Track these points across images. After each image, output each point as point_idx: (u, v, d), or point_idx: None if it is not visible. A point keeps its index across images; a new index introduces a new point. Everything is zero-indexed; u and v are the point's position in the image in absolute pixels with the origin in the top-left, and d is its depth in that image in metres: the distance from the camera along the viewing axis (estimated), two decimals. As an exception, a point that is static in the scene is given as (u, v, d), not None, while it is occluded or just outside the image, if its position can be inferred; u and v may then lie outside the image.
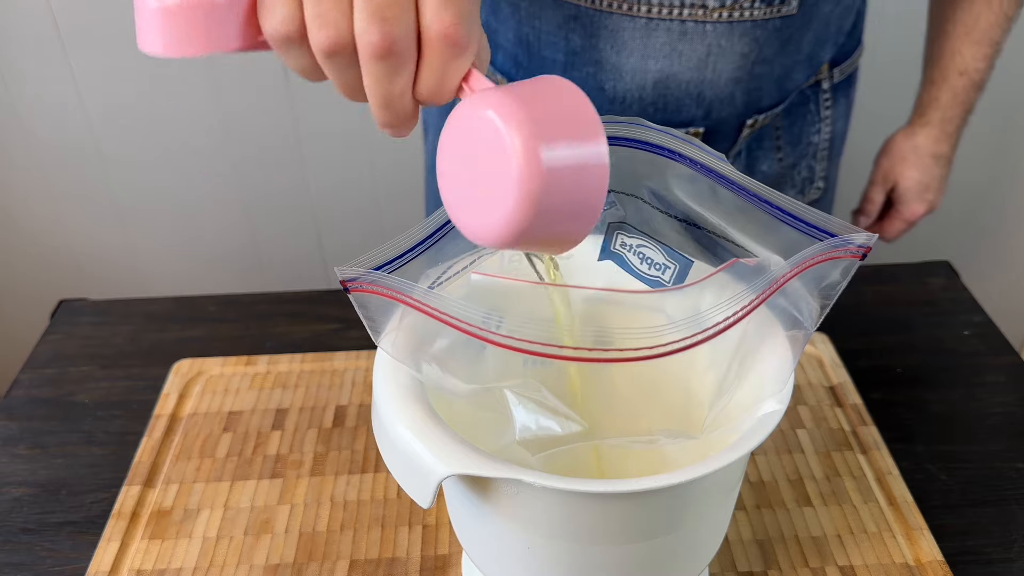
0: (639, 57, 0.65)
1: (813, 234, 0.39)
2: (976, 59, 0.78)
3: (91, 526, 0.57)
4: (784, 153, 0.78)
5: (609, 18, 0.64)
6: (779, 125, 0.76)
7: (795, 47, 0.68)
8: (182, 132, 1.26)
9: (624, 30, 0.65)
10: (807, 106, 0.77)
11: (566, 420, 0.39)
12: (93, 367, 0.70)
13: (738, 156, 0.76)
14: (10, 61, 1.18)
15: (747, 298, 0.36)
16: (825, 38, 0.71)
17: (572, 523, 0.37)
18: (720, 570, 0.52)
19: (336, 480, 0.59)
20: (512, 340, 0.34)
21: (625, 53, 0.66)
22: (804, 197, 0.83)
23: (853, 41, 0.78)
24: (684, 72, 0.66)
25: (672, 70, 0.66)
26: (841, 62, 0.77)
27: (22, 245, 1.37)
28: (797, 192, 0.82)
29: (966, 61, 0.79)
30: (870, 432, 0.61)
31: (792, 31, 0.66)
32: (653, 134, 0.42)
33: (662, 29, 0.64)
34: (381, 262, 0.38)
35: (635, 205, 0.45)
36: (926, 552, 0.53)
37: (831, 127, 0.80)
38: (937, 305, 0.77)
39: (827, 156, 0.82)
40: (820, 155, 0.81)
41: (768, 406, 0.38)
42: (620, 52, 0.66)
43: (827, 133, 0.80)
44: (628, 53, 0.66)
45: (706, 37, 0.64)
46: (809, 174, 0.81)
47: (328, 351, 0.70)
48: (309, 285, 1.39)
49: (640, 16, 0.63)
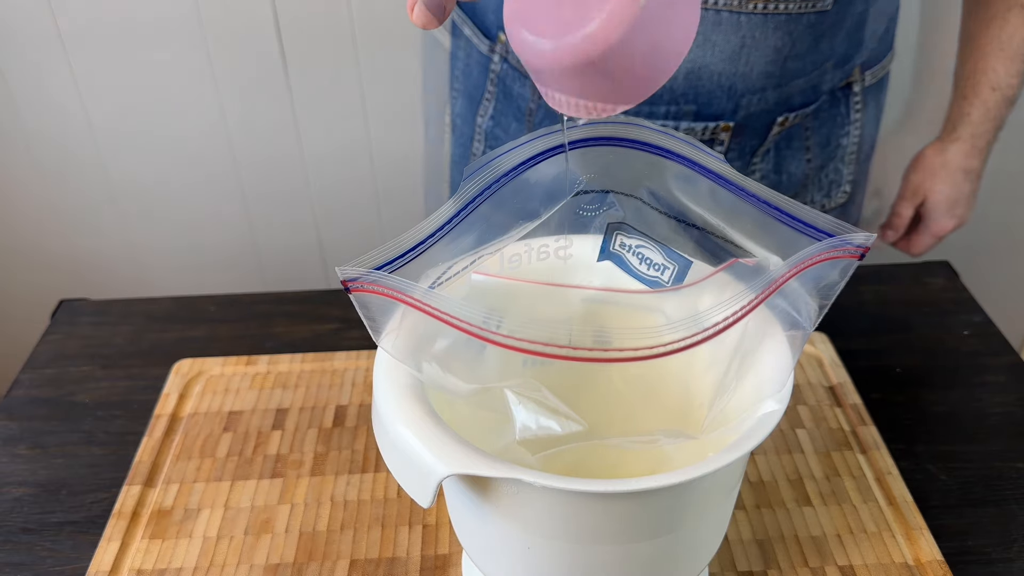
0: None
1: (811, 234, 0.39)
2: (1009, 75, 0.78)
3: (91, 526, 0.57)
4: (813, 155, 0.78)
5: None
6: (809, 126, 0.76)
7: (828, 45, 0.68)
8: (182, 132, 1.26)
9: None
10: (838, 108, 0.77)
11: (566, 420, 0.39)
12: (93, 367, 0.70)
13: (767, 155, 0.76)
14: (10, 61, 1.18)
15: (746, 298, 0.36)
16: (858, 39, 0.71)
17: (572, 523, 0.37)
18: (720, 570, 0.53)
19: (336, 480, 0.59)
20: (512, 340, 0.34)
21: None
22: (830, 200, 0.82)
23: (884, 46, 0.78)
24: (716, 63, 0.66)
25: (704, 61, 0.66)
26: (873, 66, 0.77)
27: (22, 245, 1.37)
28: (823, 195, 0.82)
29: (999, 77, 0.78)
30: (870, 432, 0.61)
31: (825, 28, 0.66)
32: (652, 135, 0.42)
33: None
34: (382, 262, 0.38)
35: (634, 205, 0.45)
36: (926, 552, 0.53)
37: (860, 131, 0.80)
38: (937, 305, 0.77)
39: (855, 160, 0.81)
40: (848, 158, 0.80)
41: (768, 406, 0.38)
42: None
43: (856, 136, 0.80)
44: None
45: (740, 28, 0.64)
46: (836, 177, 0.81)
47: (328, 351, 0.70)
48: (309, 285, 1.39)
49: None
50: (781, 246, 0.39)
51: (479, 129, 0.83)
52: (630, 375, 0.49)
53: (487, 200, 0.41)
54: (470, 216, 0.41)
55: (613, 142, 0.42)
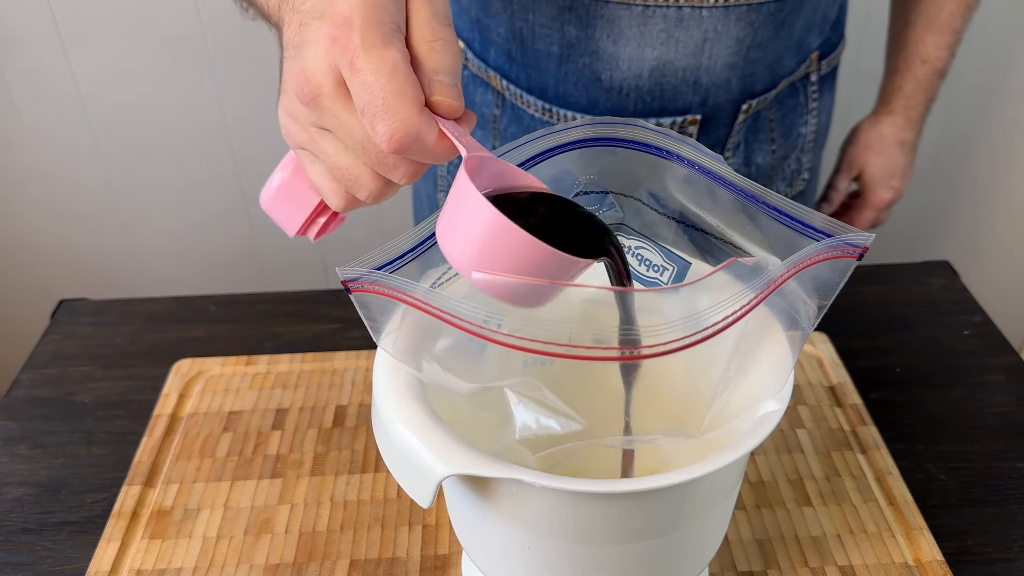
0: (636, 45, 0.66)
1: (810, 234, 0.39)
2: (938, 48, 0.80)
3: (91, 526, 0.57)
4: (777, 145, 0.79)
5: (605, 7, 0.64)
6: (773, 117, 0.76)
7: (787, 32, 0.69)
8: (182, 132, 1.26)
9: (620, 19, 0.65)
10: (797, 98, 0.78)
11: (566, 420, 0.39)
12: (93, 367, 0.70)
13: (737, 149, 0.76)
14: (10, 61, 1.18)
15: (745, 298, 0.36)
16: (813, 23, 0.72)
17: (572, 523, 0.37)
18: (720, 570, 0.53)
19: (336, 480, 0.59)
20: (513, 339, 0.34)
21: (622, 42, 0.66)
22: (792, 189, 0.84)
23: (837, 34, 0.79)
24: (681, 59, 0.66)
25: (668, 57, 0.66)
26: (828, 54, 0.78)
27: (22, 245, 1.37)
28: (786, 184, 0.83)
29: (928, 50, 0.81)
30: (870, 432, 0.62)
31: (785, 16, 0.67)
32: (651, 135, 0.42)
33: (659, 16, 0.64)
34: (382, 262, 0.38)
35: (633, 206, 0.45)
36: (926, 552, 0.53)
37: (817, 119, 0.81)
38: (937, 305, 0.77)
39: (813, 148, 0.83)
40: (807, 147, 0.82)
41: (767, 406, 0.38)
42: (616, 41, 0.66)
43: (813, 125, 0.81)
44: (625, 42, 0.66)
45: (702, 23, 0.64)
46: (797, 166, 0.82)
47: (328, 351, 0.70)
48: (309, 285, 1.39)
49: (637, 4, 0.63)
50: (780, 246, 0.39)
51: None
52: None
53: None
54: None
55: (612, 143, 0.42)
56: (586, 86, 0.69)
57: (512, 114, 0.74)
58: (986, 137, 1.39)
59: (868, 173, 0.88)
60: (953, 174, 1.42)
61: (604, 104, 0.70)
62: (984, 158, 1.42)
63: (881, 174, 0.87)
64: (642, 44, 0.66)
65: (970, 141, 1.39)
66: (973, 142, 1.39)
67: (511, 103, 0.74)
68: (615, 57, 0.67)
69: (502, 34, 0.70)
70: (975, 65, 1.26)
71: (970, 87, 1.30)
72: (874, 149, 0.86)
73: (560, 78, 0.70)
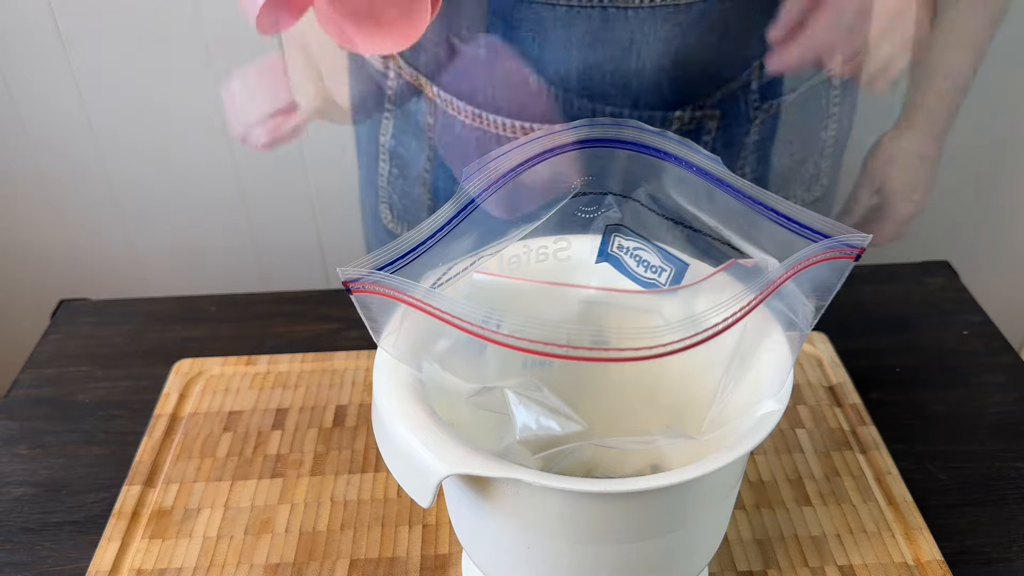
0: (561, 47, 0.64)
1: (808, 235, 0.39)
2: (962, 64, 0.80)
3: (92, 526, 0.57)
4: (795, 148, 0.78)
5: (529, 8, 0.63)
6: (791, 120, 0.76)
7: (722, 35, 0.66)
8: (182, 132, 1.26)
9: (545, 20, 0.63)
10: (818, 102, 0.77)
11: (566, 420, 0.39)
12: (93, 367, 0.70)
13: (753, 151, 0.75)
14: (10, 61, 1.18)
15: (745, 299, 0.36)
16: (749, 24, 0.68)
17: (572, 523, 0.37)
18: (720, 570, 0.53)
19: (336, 480, 0.59)
20: (513, 339, 0.34)
21: (548, 44, 0.64)
22: (809, 194, 0.83)
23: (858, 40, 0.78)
24: (607, 61, 0.65)
25: (595, 59, 0.65)
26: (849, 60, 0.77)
27: (22, 245, 1.37)
28: (804, 189, 0.82)
29: (952, 66, 0.80)
30: (869, 432, 0.62)
31: (716, 17, 0.65)
32: (649, 137, 0.42)
33: (583, 17, 0.63)
34: (383, 262, 0.38)
35: (632, 208, 0.45)
36: (925, 552, 0.53)
37: (837, 125, 0.80)
38: (937, 305, 0.77)
39: (832, 154, 0.82)
40: (826, 152, 0.81)
41: (767, 406, 0.38)
42: (542, 43, 0.64)
43: (833, 130, 0.80)
44: (550, 44, 0.64)
45: (628, 23, 0.63)
46: (815, 171, 0.82)
47: (328, 351, 0.70)
48: (309, 285, 1.39)
49: (561, 4, 0.62)
50: (778, 247, 0.39)
51: (383, 148, 0.81)
52: (629, 376, 0.49)
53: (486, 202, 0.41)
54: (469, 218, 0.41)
55: (611, 144, 0.42)
56: (515, 89, 0.68)
57: (444, 121, 0.72)
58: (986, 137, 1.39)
59: (889, 187, 0.86)
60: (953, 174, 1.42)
61: (534, 109, 0.68)
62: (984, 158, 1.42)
63: (902, 188, 0.85)
64: (567, 46, 0.64)
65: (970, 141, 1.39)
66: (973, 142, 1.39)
67: (443, 110, 0.72)
68: (541, 59, 0.65)
69: (431, 39, 0.68)
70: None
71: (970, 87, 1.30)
72: (895, 163, 0.85)
73: (488, 83, 0.68)
